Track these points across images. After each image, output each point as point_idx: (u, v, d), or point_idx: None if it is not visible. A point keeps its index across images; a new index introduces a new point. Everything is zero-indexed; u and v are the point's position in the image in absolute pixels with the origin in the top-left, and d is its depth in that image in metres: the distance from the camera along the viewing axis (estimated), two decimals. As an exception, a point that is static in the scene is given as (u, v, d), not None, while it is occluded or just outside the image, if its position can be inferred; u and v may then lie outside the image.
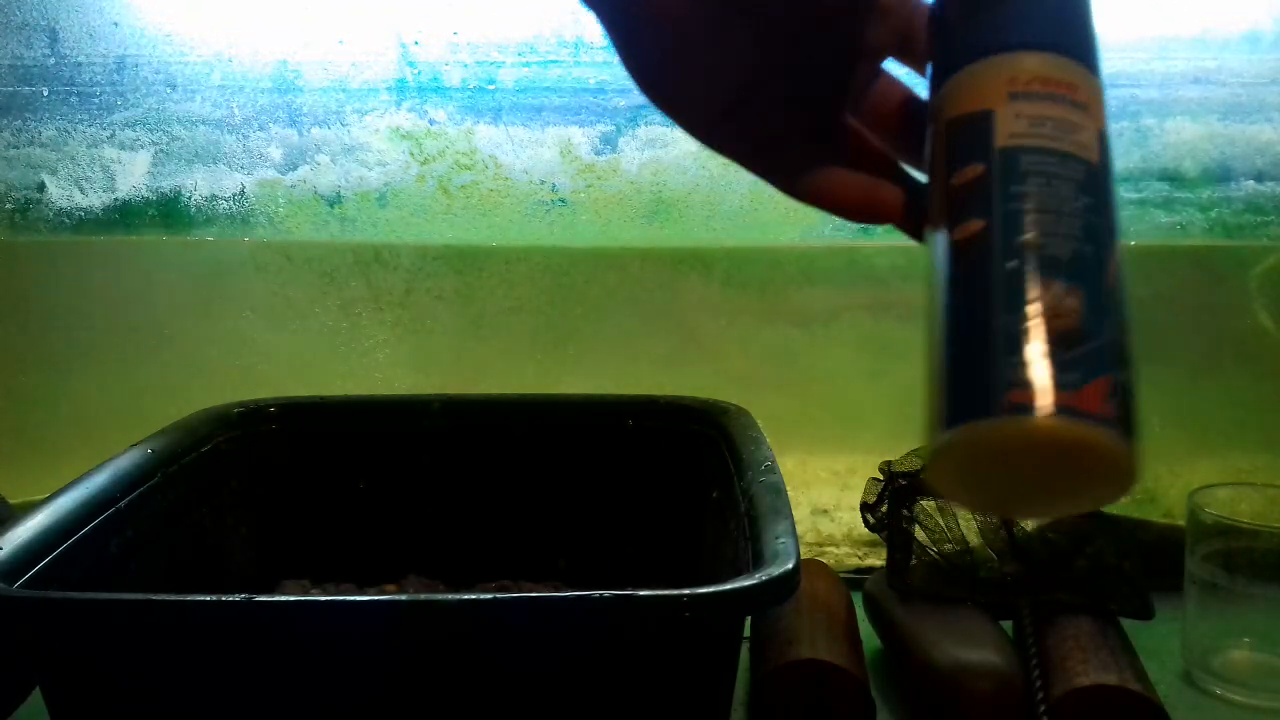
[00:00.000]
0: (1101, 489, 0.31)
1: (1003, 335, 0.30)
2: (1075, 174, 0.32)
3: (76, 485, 0.54)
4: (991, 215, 0.32)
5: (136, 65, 0.87)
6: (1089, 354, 0.30)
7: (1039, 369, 0.29)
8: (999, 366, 0.30)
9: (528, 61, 0.86)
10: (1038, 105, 0.33)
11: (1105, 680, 0.59)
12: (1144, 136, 0.86)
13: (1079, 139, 0.33)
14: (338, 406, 0.73)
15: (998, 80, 0.34)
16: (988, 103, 0.34)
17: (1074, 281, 0.31)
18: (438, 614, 0.43)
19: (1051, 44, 0.34)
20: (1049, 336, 0.30)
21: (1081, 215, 0.32)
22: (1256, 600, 0.66)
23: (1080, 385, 0.29)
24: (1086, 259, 0.31)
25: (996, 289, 0.31)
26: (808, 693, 0.60)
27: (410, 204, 0.88)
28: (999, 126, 0.33)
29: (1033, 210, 0.31)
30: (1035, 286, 0.30)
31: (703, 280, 0.89)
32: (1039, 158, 0.32)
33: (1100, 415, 0.29)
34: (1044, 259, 0.31)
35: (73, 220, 0.88)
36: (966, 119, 0.34)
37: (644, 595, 0.42)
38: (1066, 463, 0.30)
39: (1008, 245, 0.31)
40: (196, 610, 0.43)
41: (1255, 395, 0.88)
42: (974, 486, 0.33)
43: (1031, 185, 0.32)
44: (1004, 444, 0.30)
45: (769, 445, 0.60)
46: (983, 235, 0.32)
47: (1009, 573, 0.70)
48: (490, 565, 0.69)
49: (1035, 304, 0.30)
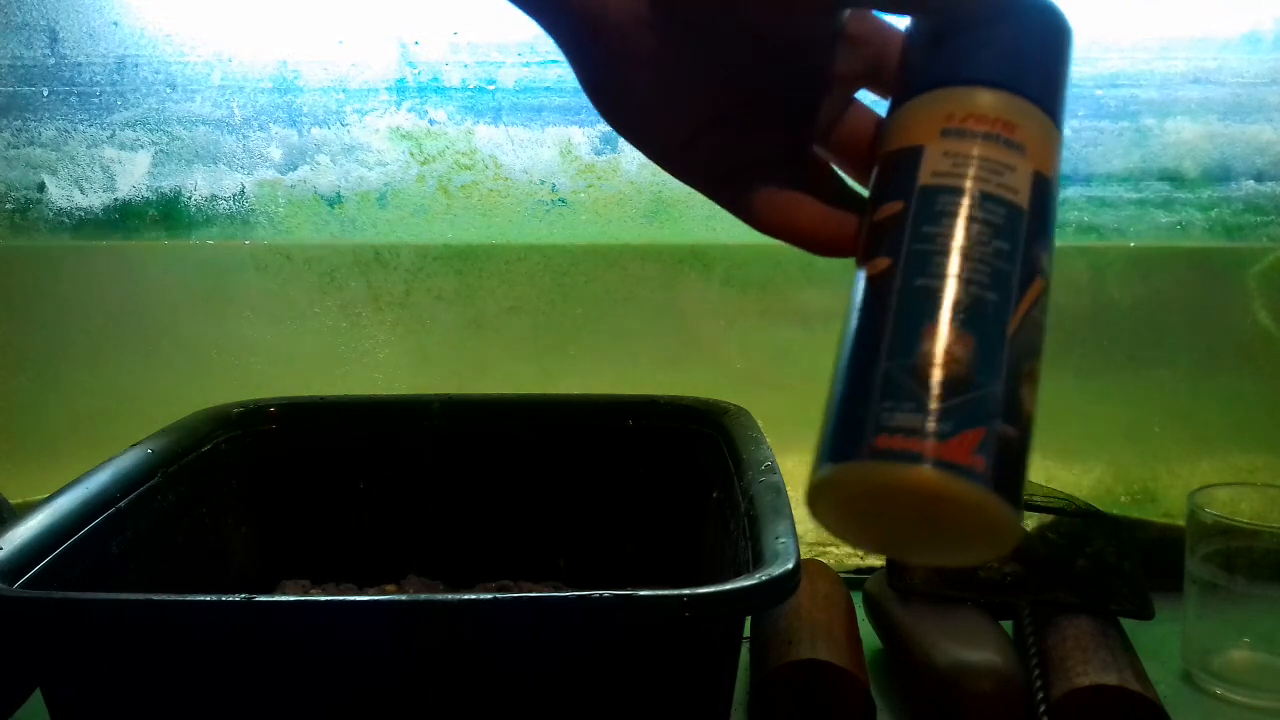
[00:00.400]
0: (976, 544, 0.31)
1: (882, 378, 0.30)
2: (994, 217, 0.31)
3: (76, 485, 0.54)
4: (899, 254, 0.31)
5: (136, 65, 0.87)
6: (967, 404, 0.29)
7: (907, 416, 0.29)
8: (873, 409, 0.30)
9: (528, 61, 0.86)
10: (967, 144, 0.32)
11: (1105, 680, 0.59)
12: (1144, 136, 0.86)
13: (1007, 180, 0.32)
14: (338, 406, 0.73)
15: (934, 116, 0.33)
16: (920, 138, 0.33)
17: (968, 329, 0.30)
18: (438, 614, 0.43)
19: (999, 80, 0.33)
20: (925, 384, 0.29)
21: (992, 260, 0.31)
22: (1256, 600, 0.66)
23: (948, 435, 0.29)
24: (987, 307, 0.30)
25: (887, 330, 0.30)
26: (808, 693, 0.60)
27: (410, 204, 0.88)
28: (925, 164, 0.32)
29: (938, 252, 0.31)
30: (924, 331, 0.30)
31: (703, 280, 0.89)
32: (957, 198, 0.31)
33: (965, 467, 0.29)
34: (938, 304, 0.30)
35: (73, 220, 0.88)
36: (898, 154, 0.33)
37: (644, 595, 0.42)
38: (932, 513, 0.30)
39: (906, 286, 0.31)
40: (196, 610, 0.43)
41: (1255, 395, 0.88)
42: (853, 526, 0.32)
43: (943, 226, 0.31)
44: (867, 488, 0.30)
45: (769, 445, 0.60)
46: (887, 274, 0.31)
47: (1009, 573, 0.70)
48: (490, 565, 0.69)
49: (920, 349, 0.30)
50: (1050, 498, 0.73)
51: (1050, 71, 0.34)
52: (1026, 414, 0.30)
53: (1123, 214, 0.87)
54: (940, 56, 0.34)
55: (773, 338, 0.88)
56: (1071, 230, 0.86)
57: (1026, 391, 0.30)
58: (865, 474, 0.29)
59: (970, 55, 0.34)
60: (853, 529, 0.33)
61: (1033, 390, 0.31)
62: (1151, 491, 0.88)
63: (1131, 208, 0.87)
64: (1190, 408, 0.89)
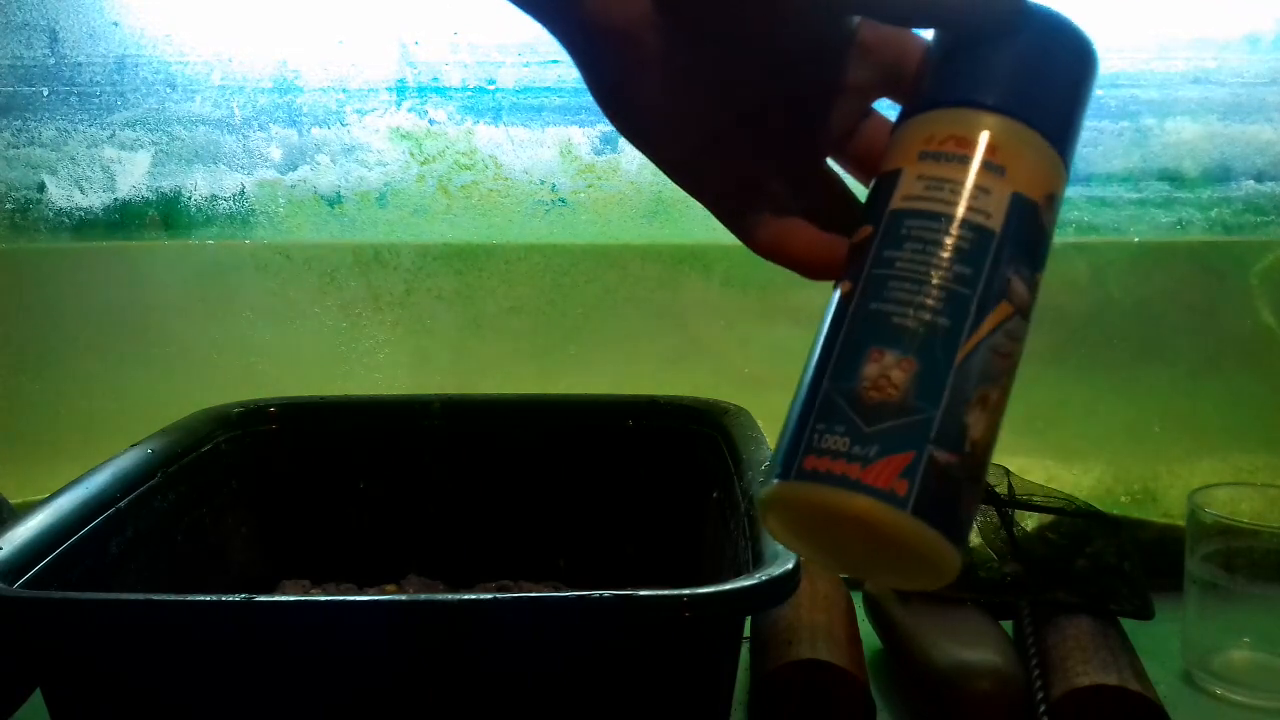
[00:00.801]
0: (913, 570, 0.31)
1: (821, 399, 0.30)
2: (958, 240, 0.31)
3: (76, 485, 0.54)
4: (859, 278, 0.31)
5: (136, 65, 0.87)
6: (898, 429, 0.29)
7: (835, 438, 0.29)
8: (808, 430, 0.30)
9: (528, 62, 0.86)
10: (943, 166, 0.32)
11: (1105, 680, 0.59)
12: (1144, 136, 0.86)
13: (979, 204, 0.31)
14: (338, 406, 0.73)
15: (916, 137, 0.33)
16: (900, 161, 0.33)
17: (910, 354, 0.30)
18: (438, 614, 0.43)
19: (988, 102, 0.32)
20: (857, 407, 0.29)
21: (949, 285, 0.30)
22: (1256, 600, 0.66)
23: (872, 460, 0.29)
24: (936, 331, 0.30)
25: (835, 352, 0.31)
26: (808, 693, 0.60)
27: (410, 204, 0.88)
28: (899, 188, 0.32)
29: (894, 276, 0.31)
30: (864, 355, 0.30)
31: (703, 280, 0.89)
32: (923, 222, 0.31)
33: (885, 491, 0.29)
34: (884, 328, 0.30)
35: (73, 220, 0.88)
36: (882, 177, 0.33)
37: (644, 595, 0.42)
38: (865, 536, 0.29)
39: (859, 310, 0.31)
40: (196, 610, 0.43)
41: (1255, 395, 0.88)
42: (803, 543, 0.33)
43: (904, 250, 0.31)
44: (798, 508, 0.30)
45: (769, 445, 0.60)
46: (846, 297, 0.31)
47: (1009, 573, 0.70)
48: (490, 565, 0.69)
49: (860, 373, 0.30)
50: (1050, 498, 0.73)
51: (1056, 94, 0.33)
52: (973, 440, 0.30)
53: (1123, 214, 0.87)
54: (940, 76, 0.34)
55: (773, 338, 0.88)
56: (1071, 230, 0.86)
57: (976, 417, 0.30)
58: (793, 493, 0.30)
59: (965, 75, 0.33)
60: (803, 546, 0.33)
61: (987, 417, 0.30)
62: (1151, 491, 0.88)
63: (1131, 207, 0.87)
64: (1190, 408, 0.89)
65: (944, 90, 0.33)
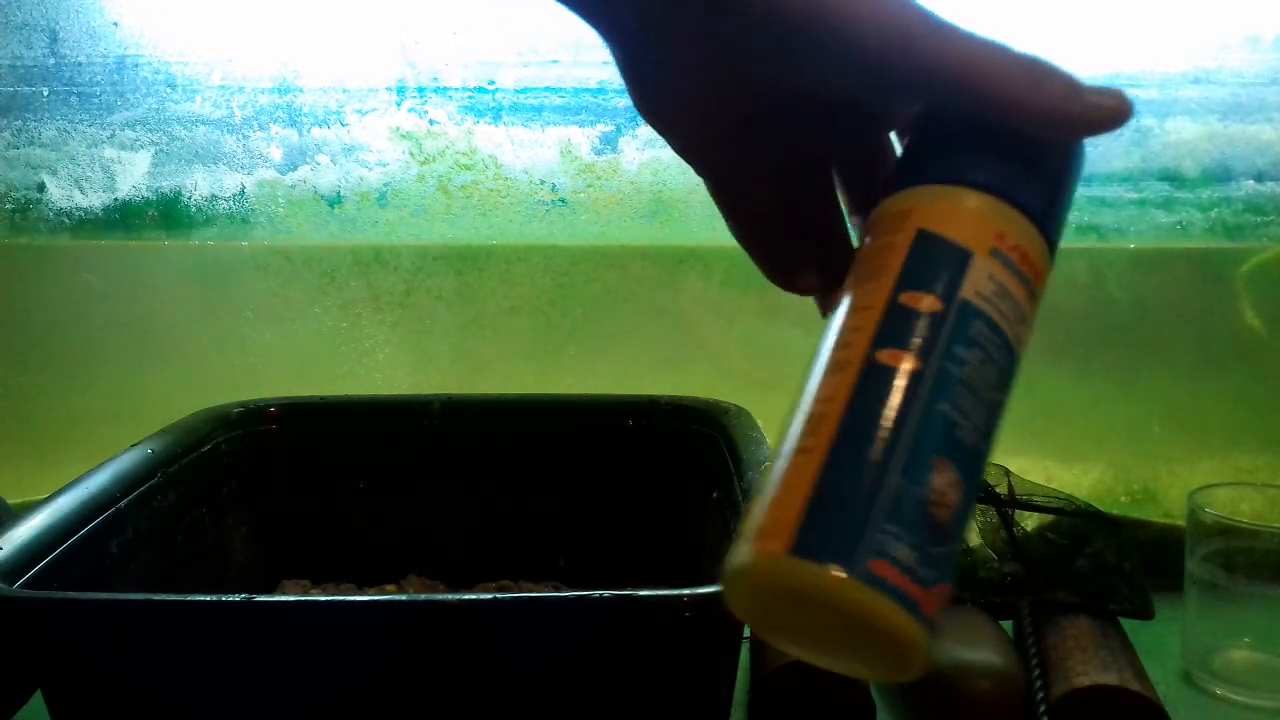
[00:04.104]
0: (884, 668, 0.30)
1: (893, 496, 0.28)
2: (1005, 365, 0.31)
3: (76, 485, 0.54)
4: (928, 363, 0.30)
5: (136, 65, 0.87)
6: (949, 557, 0.29)
7: (903, 549, 0.28)
8: (876, 528, 0.28)
9: (528, 62, 0.86)
10: (1009, 277, 0.31)
11: (1105, 680, 0.59)
12: (1144, 136, 0.86)
13: (1020, 332, 0.31)
14: (338, 406, 0.73)
15: (990, 227, 0.32)
16: (970, 242, 0.31)
17: (963, 477, 0.29)
18: (438, 614, 0.43)
19: (1042, 222, 0.32)
20: (925, 520, 0.28)
21: (993, 410, 0.30)
22: (1256, 600, 0.66)
23: (931, 584, 0.28)
24: (979, 457, 0.30)
25: (904, 442, 0.29)
26: (808, 693, 0.60)
27: (410, 204, 0.88)
28: (971, 274, 0.31)
29: (963, 382, 0.30)
30: (932, 461, 0.29)
31: (703, 280, 0.89)
32: (989, 332, 0.30)
33: (932, 621, 0.29)
34: (950, 438, 0.29)
35: (73, 220, 0.88)
36: (943, 243, 0.32)
37: (644, 595, 0.42)
38: (865, 640, 0.29)
39: (930, 404, 0.29)
40: (196, 610, 0.43)
41: (1255, 395, 0.88)
42: (768, 615, 0.30)
43: (973, 354, 0.30)
44: (842, 606, 0.28)
45: (769, 445, 0.60)
46: (912, 378, 0.30)
47: (1009, 573, 0.70)
48: (490, 565, 0.69)
49: (926, 481, 0.29)
50: (1050, 498, 0.73)
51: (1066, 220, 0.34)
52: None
53: (1123, 214, 0.87)
54: (1007, 159, 0.33)
55: (773, 338, 0.88)
56: (1072, 230, 0.86)
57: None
58: (847, 592, 0.28)
59: (1041, 194, 0.33)
60: (763, 615, 0.31)
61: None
62: (1151, 491, 0.88)
63: (1131, 208, 0.87)
64: (1190, 408, 0.89)
65: (1020, 192, 0.32)
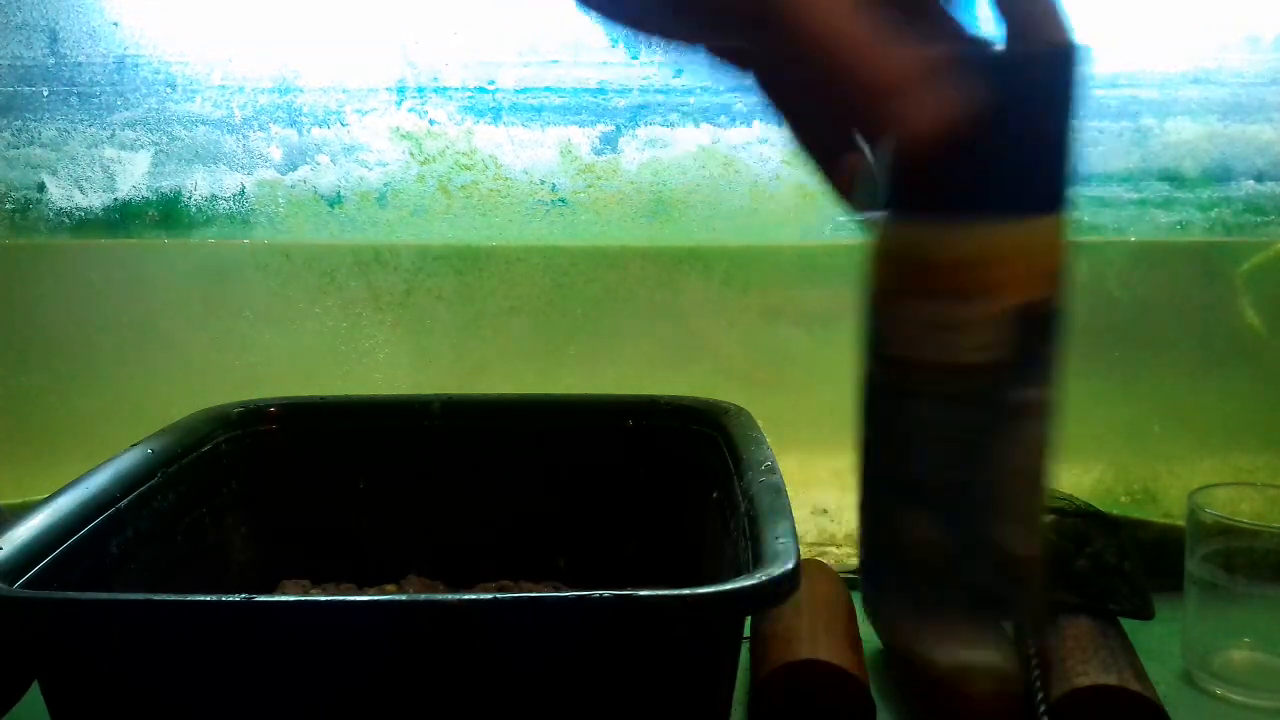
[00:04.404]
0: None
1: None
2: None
3: (76, 485, 0.54)
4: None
5: (136, 65, 0.87)
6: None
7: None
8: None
9: (528, 62, 0.86)
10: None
11: (1105, 680, 0.59)
12: (1144, 136, 0.86)
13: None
14: (338, 406, 0.73)
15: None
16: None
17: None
18: (438, 614, 0.43)
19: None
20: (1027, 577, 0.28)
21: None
22: (1256, 600, 0.66)
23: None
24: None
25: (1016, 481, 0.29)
26: (808, 693, 0.60)
27: (410, 204, 0.88)
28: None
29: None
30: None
31: (703, 280, 0.89)
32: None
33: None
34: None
35: (73, 220, 0.88)
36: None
37: (644, 595, 0.42)
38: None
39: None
40: (196, 610, 0.43)
41: (1256, 395, 0.87)
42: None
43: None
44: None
45: (769, 445, 0.60)
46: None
47: (1009, 573, 0.70)
48: (490, 565, 0.69)
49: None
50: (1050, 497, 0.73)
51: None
52: None
53: (1123, 214, 0.87)
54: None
55: (773, 338, 0.88)
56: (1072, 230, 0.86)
57: None
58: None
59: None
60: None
61: None
62: (1151, 491, 0.88)
63: (1131, 207, 0.87)
64: (1190, 407, 0.89)
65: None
